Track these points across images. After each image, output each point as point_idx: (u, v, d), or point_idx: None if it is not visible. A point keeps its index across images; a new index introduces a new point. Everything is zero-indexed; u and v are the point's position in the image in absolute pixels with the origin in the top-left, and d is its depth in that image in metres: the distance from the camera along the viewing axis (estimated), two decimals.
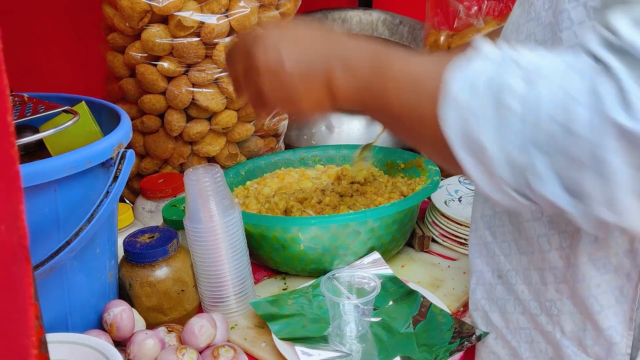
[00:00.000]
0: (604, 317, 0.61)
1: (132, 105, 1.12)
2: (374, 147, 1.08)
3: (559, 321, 0.66)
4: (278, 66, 0.58)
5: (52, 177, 0.65)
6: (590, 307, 0.62)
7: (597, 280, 0.61)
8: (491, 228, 0.76)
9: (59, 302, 0.73)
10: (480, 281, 0.79)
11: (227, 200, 0.84)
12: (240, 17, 1.03)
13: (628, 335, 0.60)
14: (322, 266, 0.95)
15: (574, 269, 0.63)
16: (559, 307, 0.66)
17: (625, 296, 0.60)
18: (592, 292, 0.62)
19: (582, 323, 0.64)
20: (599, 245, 0.60)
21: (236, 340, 0.84)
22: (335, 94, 0.57)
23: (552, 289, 0.66)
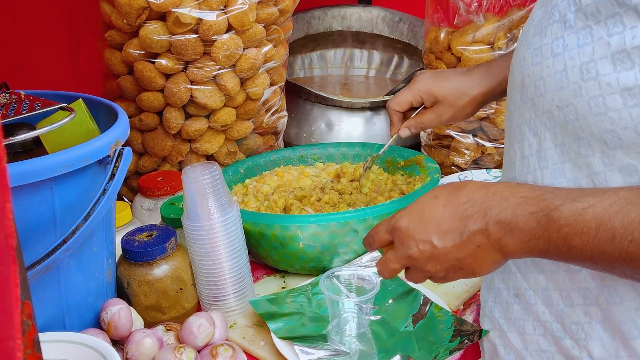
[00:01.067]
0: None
1: (131, 102, 1.11)
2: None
3: (586, 346, 0.62)
4: (437, 255, 0.60)
5: (48, 175, 0.64)
6: (627, 332, 0.59)
7: (637, 304, 0.58)
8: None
9: (55, 301, 0.73)
10: (498, 299, 0.75)
11: (225, 199, 0.84)
12: (239, 14, 1.03)
13: None
14: (322, 264, 0.95)
15: (610, 290, 0.59)
16: (587, 330, 0.62)
17: None
18: (631, 316, 0.58)
19: (614, 349, 0.60)
20: None
21: (235, 339, 0.84)
22: (510, 254, 0.58)
23: (580, 311, 0.62)
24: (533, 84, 0.63)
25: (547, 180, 0.63)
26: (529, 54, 0.64)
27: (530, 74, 0.63)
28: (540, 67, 0.61)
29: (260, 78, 1.13)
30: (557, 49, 0.59)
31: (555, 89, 0.59)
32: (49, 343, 0.67)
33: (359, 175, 1.08)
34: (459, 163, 1.29)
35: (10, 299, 0.30)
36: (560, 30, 0.59)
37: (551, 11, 0.61)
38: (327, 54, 1.74)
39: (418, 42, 1.65)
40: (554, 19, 0.60)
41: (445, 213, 0.60)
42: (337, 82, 1.70)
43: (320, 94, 1.40)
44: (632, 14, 0.52)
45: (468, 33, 1.22)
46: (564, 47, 0.58)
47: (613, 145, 0.55)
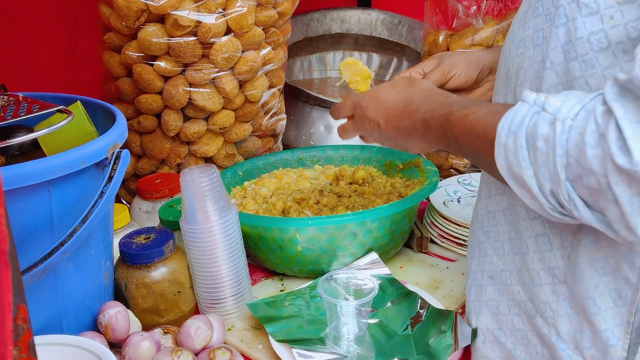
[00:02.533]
0: (601, 319, 0.61)
1: (129, 105, 1.11)
2: None
3: (554, 324, 0.65)
4: (382, 133, 0.78)
5: (45, 178, 0.64)
6: (588, 308, 0.61)
7: (595, 281, 0.60)
8: (484, 227, 0.75)
9: (53, 304, 0.73)
10: (473, 282, 0.79)
11: (223, 201, 0.83)
12: (237, 17, 1.03)
13: (625, 338, 0.60)
14: (320, 267, 0.95)
15: (574, 268, 0.62)
16: (554, 309, 0.65)
17: (623, 299, 0.59)
18: (590, 293, 0.61)
19: (579, 325, 0.63)
20: (598, 246, 0.59)
21: (233, 342, 0.83)
22: (433, 145, 0.73)
23: (548, 290, 0.65)
24: (516, 73, 0.66)
25: None
26: (514, 46, 0.67)
27: (514, 65, 0.67)
28: (522, 58, 0.65)
29: (259, 80, 1.13)
30: (537, 41, 0.62)
31: (533, 78, 0.63)
32: (46, 346, 0.67)
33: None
34: (458, 166, 1.29)
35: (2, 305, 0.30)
36: (542, 22, 0.62)
37: (535, 5, 0.64)
38: (326, 57, 1.74)
39: (417, 45, 1.65)
40: (537, 12, 0.63)
41: (394, 104, 0.75)
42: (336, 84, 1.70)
43: (319, 97, 1.40)
44: (574, 6, 0.56)
45: (467, 36, 1.22)
46: (543, 39, 0.61)
47: None
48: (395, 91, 0.76)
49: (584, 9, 0.55)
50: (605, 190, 0.49)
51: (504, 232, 0.71)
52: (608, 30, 0.54)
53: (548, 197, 0.54)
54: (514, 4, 1.20)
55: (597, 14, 0.54)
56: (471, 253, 0.79)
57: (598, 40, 0.54)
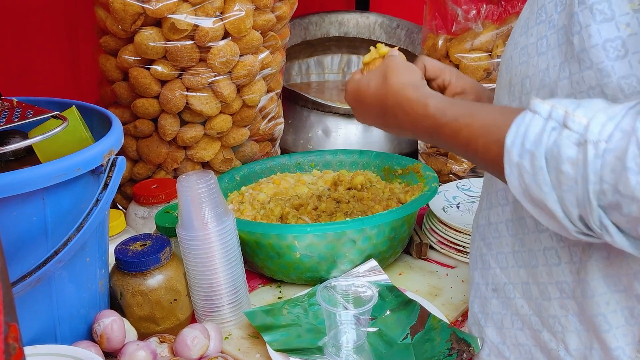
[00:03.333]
0: (612, 336, 0.59)
1: (125, 109, 1.10)
2: None
3: (563, 338, 0.64)
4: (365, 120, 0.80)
5: (39, 186, 0.63)
6: (598, 325, 0.60)
7: (607, 298, 0.59)
8: (485, 239, 0.74)
9: (47, 313, 0.71)
10: (477, 294, 0.77)
11: (221, 208, 0.82)
12: (235, 20, 1.02)
13: (636, 357, 0.59)
14: (318, 274, 0.94)
15: (584, 284, 0.60)
16: (563, 323, 0.64)
17: (635, 317, 0.58)
18: (602, 310, 0.59)
19: (588, 341, 0.62)
20: (610, 262, 0.58)
21: (230, 351, 0.82)
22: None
23: (557, 304, 0.64)
24: (520, 82, 0.65)
25: None
26: (516, 54, 0.66)
27: (517, 73, 0.65)
28: (526, 66, 0.63)
29: (257, 85, 1.12)
30: (541, 49, 0.61)
31: (539, 87, 0.61)
32: (40, 356, 0.66)
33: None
34: (457, 171, 1.28)
35: None
36: (545, 29, 0.61)
37: (538, 12, 0.62)
38: (325, 60, 1.73)
39: (415, 49, 1.65)
40: (540, 19, 0.62)
41: (371, 105, 0.74)
42: (335, 88, 1.69)
43: (318, 101, 1.39)
44: (587, 13, 0.54)
45: (466, 40, 1.21)
46: (547, 47, 0.60)
47: None
48: (371, 91, 0.73)
49: (597, 15, 0.53)
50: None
51: (507, 244, 0.70)
52: (625, 38, 0.51)
53: (575, 222, 0.51)
54: (513, 8, 1.19)
55: (612, 21, 0.52)
56: (474, 264, 0.77)
57: (615, 48, 0.52)
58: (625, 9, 0.51)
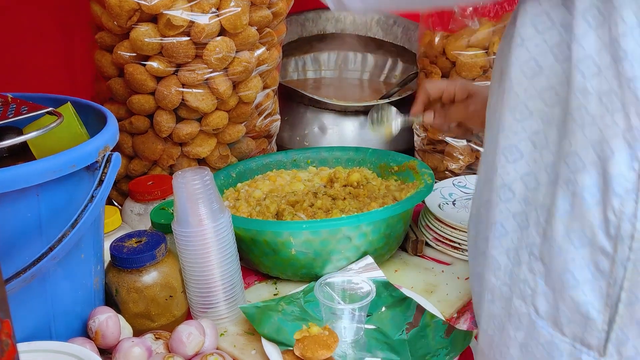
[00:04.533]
0: (580, 292, 0.59)
1: (121, 105, 1.10)
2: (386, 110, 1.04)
3: (532, 301, 0.63)
4: None
5: (34, 182, 0.62)
6: (566, 282, 0.60)
7: (572, 254, 0.59)
8: (477, 226, 0.74)
9: (41, 310, 0.71)
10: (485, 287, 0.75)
11: (216, 204, 0.82)
12: (231, 16, 1.01)
13: (605, 311, 0.58)
14: (314, 271, 0.94)
15: (551, 243, 0.60)
16: (532, 287, 0.63)
17: (601, 271, 0.57)
18: (569, 266, 0.59)
19: (555, 302, 0.61)
20: (574, 216, 0.58)
21: (225, 347, 0.82)
22: None
23: (526, 268, 0.64)
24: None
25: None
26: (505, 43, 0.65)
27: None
28: None
29: (253, 81, 1.11)
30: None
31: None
32: (35, 353, 0.66)
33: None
34: (453, 168, 1.28)
35: None
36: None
37: None
38: (321, 57, 1.73)
39: (412, 46, 1.64)
40: None
41: None
42: (331, 85, 1.69)
43: (314, 97, 1.39)
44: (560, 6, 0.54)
45: (463, 37, 1.21)
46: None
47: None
48: None
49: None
50: None
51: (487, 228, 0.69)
52: None
53: None
54: (510, 5, 1.19)
55: None
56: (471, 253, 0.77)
57: None
58: None
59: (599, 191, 0.56)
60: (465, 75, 1.20)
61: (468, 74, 1.20)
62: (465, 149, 1.27)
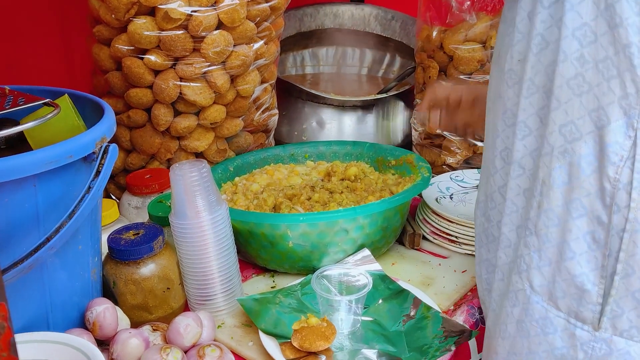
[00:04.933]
0: (575, 263, 0.59)
1: (119, 99, 1.10)
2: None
3: (528, 276, 0.63)
4: None
5: (31, 172, 0.63)
6: (562, 254, 0.60)
7: (570, 224, 0.58)
8: (486, 213, 0.74)
9: (39, 300, 0.71)
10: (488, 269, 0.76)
11: (214, 196, 0.82)
12: (229, 10, 1.01)
13: (600, 283, 0.58)
14: (311, 264, 0.94)
15: (548, 214, 0.60)
16: (527, 261, 0.63)
17: (597, 242, 0.57)
18: (565, 237, 0.59)
19: (551, 275, 0.61)
20: (572, 186, 0.58)
21: (223, 339, 0.82)
22: None
23: (522, 243, 0.64)
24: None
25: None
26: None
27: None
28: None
29: (251, 75, 1.12)
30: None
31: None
32: (32, 343, 0.66)
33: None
34: (451, 162, 1.29)
35: None
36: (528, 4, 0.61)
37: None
38: (319, 52, 1.73)
39: (410, 41, 1.64)
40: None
41: None
42: (329, 80, 1.69)
43: (312, 92, 1.39)
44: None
45: (460, 32, 1.21)
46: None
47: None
48: None
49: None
50: None
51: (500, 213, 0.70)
52: None
53: None
54: None
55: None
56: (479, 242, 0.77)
57: None
58: None
59: (595, 159, 0.55)
60: (462, 69, 1.20)
61: (465, 68, 1.20)
62: (462, 143, 1.27)
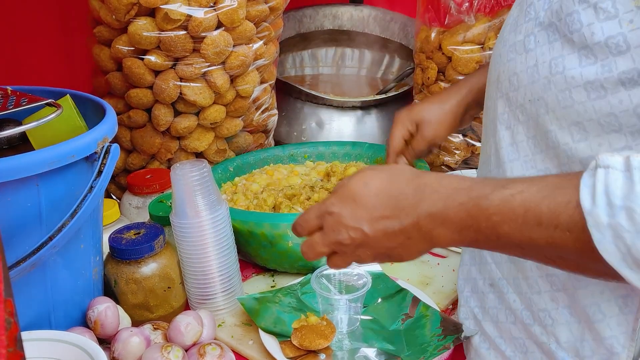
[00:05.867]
0: (605, 326, 0.60)
1: (119, 99, 1.10)
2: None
3: (553, 332, 0.64)
4: (368, 243, 0.60)
5: (34, 172, 0.63)
6: (591, 315, 0.60)
7: (601, 287, 0.59)
8: None
9: (41, 299, 0.72)
10: (474, 289, 0.77)
11: (214, 196, 0.83)
12: (228, 11, 1.02)
13: (630, 346, 0.59)
14: (311, 263, 0.94)
15: (576, 274, 0.60)
16: (553, 316, 0.64)
17: (629, 306, 0.58)
18: (595, 299, 0.60)
19: (580, 333, 0.62)
20: None
21: (223, 337, 0.83)
22: (440, 244, 0.58)
23: (547, 297, 0.64)
24: (507, 79, 0.65)
25: (518, 171, 0.65)
26: (505, 51, 0.66)
27: (505, 70, 0.65)
28: (514, 63, 0.64)
29: (251, 75, 1.12)
30: (529, 45, 0.61)
31: (527, 83, 0.61)
32: (35, 341, 0.67)
33: None
34: (449, 162, 1.29)
35: None
36: (532, 27, 0.61)
37: (527, 9, 0.63)
38: (319, 53, 1.74)
39: (409, 42, 1.65)
40: (529, 17, 0.62)
41: (377, 202, 0.59)
42: (328, 81, 1.69)
43: (311, 93, 1.40)
44: (590, 11, 0.54)
45: (459, 33, 1.22)
46: (535, 44, 0.60)
47: (578, 138, 0.57)
48: (373, 187, 0.59)
49: (601, 13, 0.53)
50: None
51: None
52: (627, 33, 0.52)
53: None
54: (506, 1, 1.20)
55: (615, 18, 0.52)
56: (471, 259, 0.78)
57: (616, 44, 0.52)
58: (629, 6, 0.51)
59: None
60: (461, 70, 1.21)
61: (464, 69, 1.21)
62: (461, 143, 1.28)
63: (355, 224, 0.59)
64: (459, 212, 0.54)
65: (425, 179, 0.58)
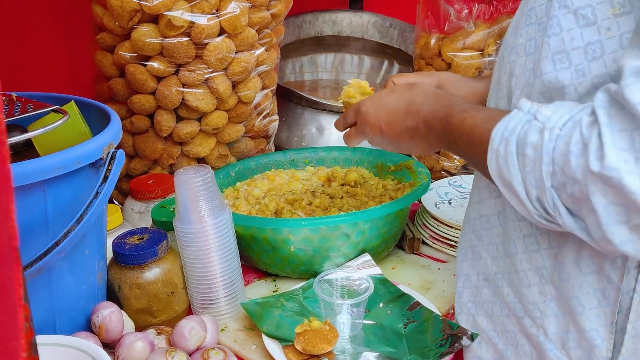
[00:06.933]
0: (585, 318, 0.61)
1: (122, 105, 1.11)
2: None
3: (542, 324, 0.66)
4: (384, 137, 0.79)
5: (41, 178, 0.64)
6: (573, 307, 0.62)
7: (580, 280, 0.61)
8: (476, 231, 0.76)
9: (46, 304, 0.72)
10: (466, 284, 0.79)
11: (217, 201, 0.84)
12: (231, 18, 1.03)
13: (609, 338, 0.60)
14: (313, 268, 0.95)
15: (561, 267, 0.63)
16: (542, 309, 0.66)
17: (607, 299, 0.60)
18: (576, 292, 0.62)
19: (565, 325, 0.64)
20: (583, 245, 0.60)
21: (226, 342, 0.83)
22: (433, 145, 0.74)
23: (536, 290, 0.66)
24: (507, 80, 0.67)
25: None
26: (507, 53, 0.68)
27: (506, 72, 0.67)
28: (514, 65, 0.66)
29: (252, 81, 1.13)
30: (529, 49, 0.63)
31: (524, 85, 0.63)
32: (40, 346, 0.67)
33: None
34: (449, 168, 1.30)
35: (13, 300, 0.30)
36: (534, 31, 0.63)
37: (527, 13, 0.64)
38: (318, 59, 1.75)
39: (408, 48, 1.66)
40: (530, 21, 0.64)
41: (395, 107, 0.76)
42: (328, 86, 1.70)
43: (311, 98, 1.40)
44: (570, 17, 0.56)
45: (458, 39, 1.23)
46: (535, 48, 0.62)
47: None
48: (395, 95, 0.77)
49: (581, 20, 0.56)
50: (586, 199, 0.50)
51: (498, 235, 0.72)
52: (604, 41, 0.55)
53: (534, 203, 0.55)
54: (505, 8, 1.21)
55: (594, 25, 0.55)
56: (463, 256, 0.80)
57: (593, 51, 0.55)
58: (606, 14, 0.54)
59: None
60: None
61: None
62: None
63: (376, 122, 0.78)
64: (439, 124, 0.69)
65: (431, 92, 0.74)
